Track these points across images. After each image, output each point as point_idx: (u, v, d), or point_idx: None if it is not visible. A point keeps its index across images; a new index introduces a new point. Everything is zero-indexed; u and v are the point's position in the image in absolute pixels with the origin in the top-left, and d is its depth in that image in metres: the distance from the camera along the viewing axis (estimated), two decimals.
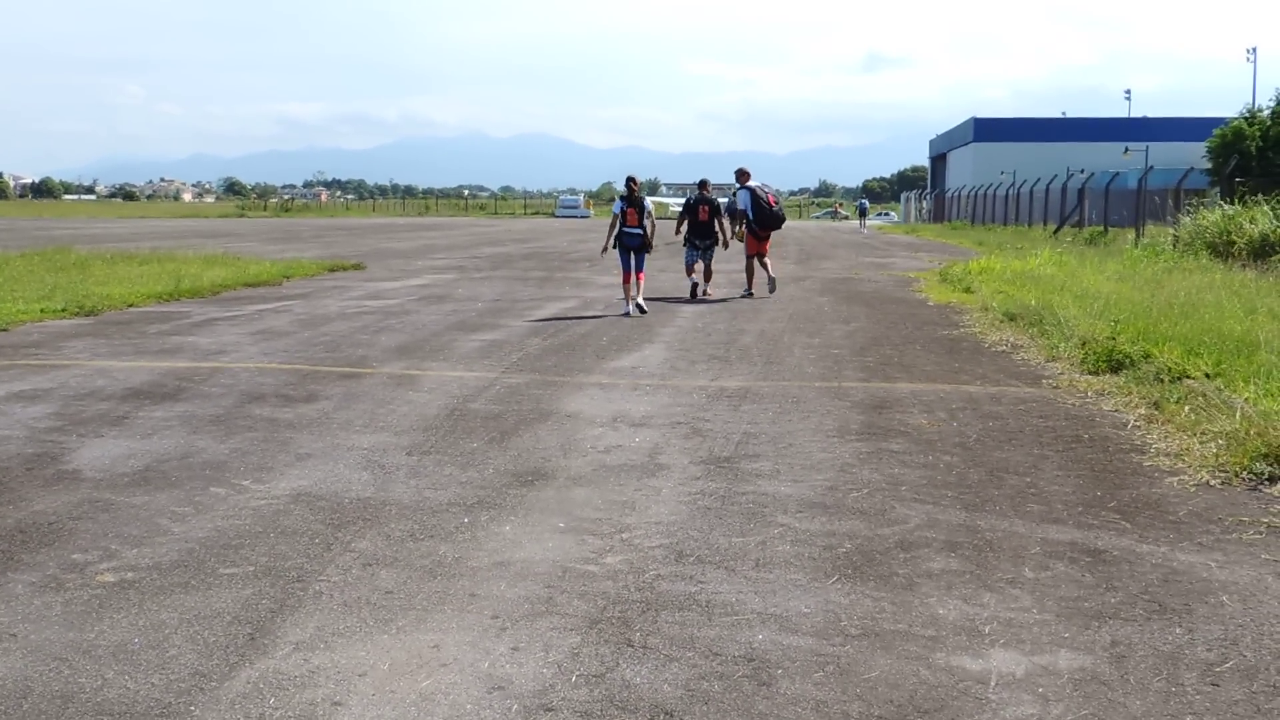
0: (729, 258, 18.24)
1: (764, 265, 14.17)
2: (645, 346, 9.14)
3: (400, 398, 6.78)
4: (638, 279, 12.03)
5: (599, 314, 11.67)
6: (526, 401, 6.67)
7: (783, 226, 14.40)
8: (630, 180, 12.90)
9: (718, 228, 14.05)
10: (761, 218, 13.92)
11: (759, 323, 10.87)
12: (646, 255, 12.24)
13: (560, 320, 11.01)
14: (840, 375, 7.67)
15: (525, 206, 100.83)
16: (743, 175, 14.30)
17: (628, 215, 12.30)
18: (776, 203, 14.02)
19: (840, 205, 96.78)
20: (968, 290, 13.58)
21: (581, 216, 79.81)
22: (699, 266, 14.37)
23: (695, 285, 13.95)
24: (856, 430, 5.90)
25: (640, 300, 11.88)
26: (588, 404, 6.61)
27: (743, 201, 14.08)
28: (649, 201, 12.50)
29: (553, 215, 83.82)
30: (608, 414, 6.31)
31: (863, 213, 53.79)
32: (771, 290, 13.95)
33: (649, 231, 12.21)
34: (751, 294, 13.94)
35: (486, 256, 23.26)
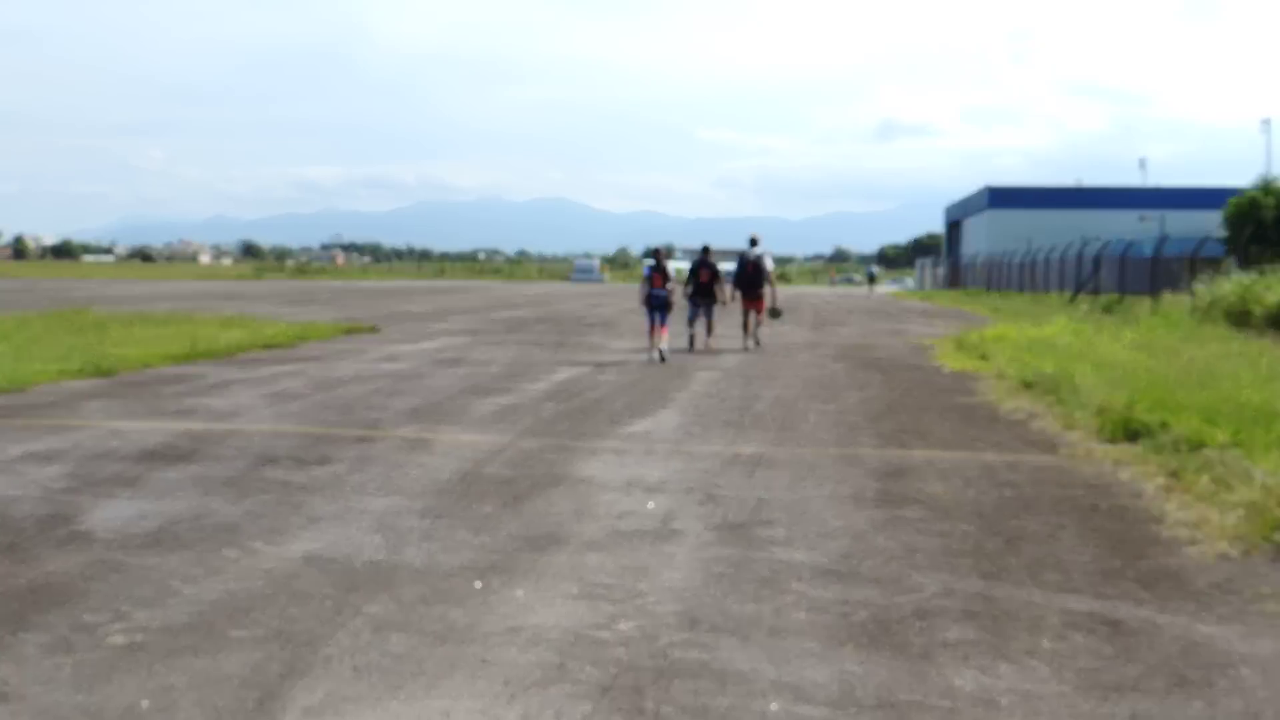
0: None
1: (747, 324, 16.24)
2: (659, 412, 9.17)
3: (413, 461, 6.81)
4: (661, 331, 14.35)
5: (613, 378, 11.73)
6: (540, 466, 6.69)
7: (766, 291, 16.27)
8: (657, 251, 15.80)
9: (717, 289, 16.05)
10: (738, 279, 16.39)
11: (773, 389, 10.90)
12: (669, 312, 14.62)
13: (574, 384, 11.07)
14: (855, 442, 7.67)
15: (541, 270, 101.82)
16: (753, 241, 16.56)
17: (654, 279, 14.83)
18: (754, 269, 16.27)
19: (834, 271, 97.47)
20: (983, 357, 13.59)
21: (596, 281, 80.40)
22: (700, 322, 16.21)
23: (693, 337, 15.98)
24: (872, 497, 5.89)
25: (663, 348, 14.19)
26: (601, 469, 6.62)
27: (734, 268, 16.56)
28: (672, 267, 15.43)
29: (568, 280, 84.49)
30: (622, 479, 6.32)
31: (871, 279, 54.17)
32: (755, 342, 16.14)
33: (672, 294, 14.78)
34: (755, 343, 16.22)
35: (501, 320, 23.44)
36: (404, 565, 4.58)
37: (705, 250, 16.85)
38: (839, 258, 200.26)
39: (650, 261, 15.04)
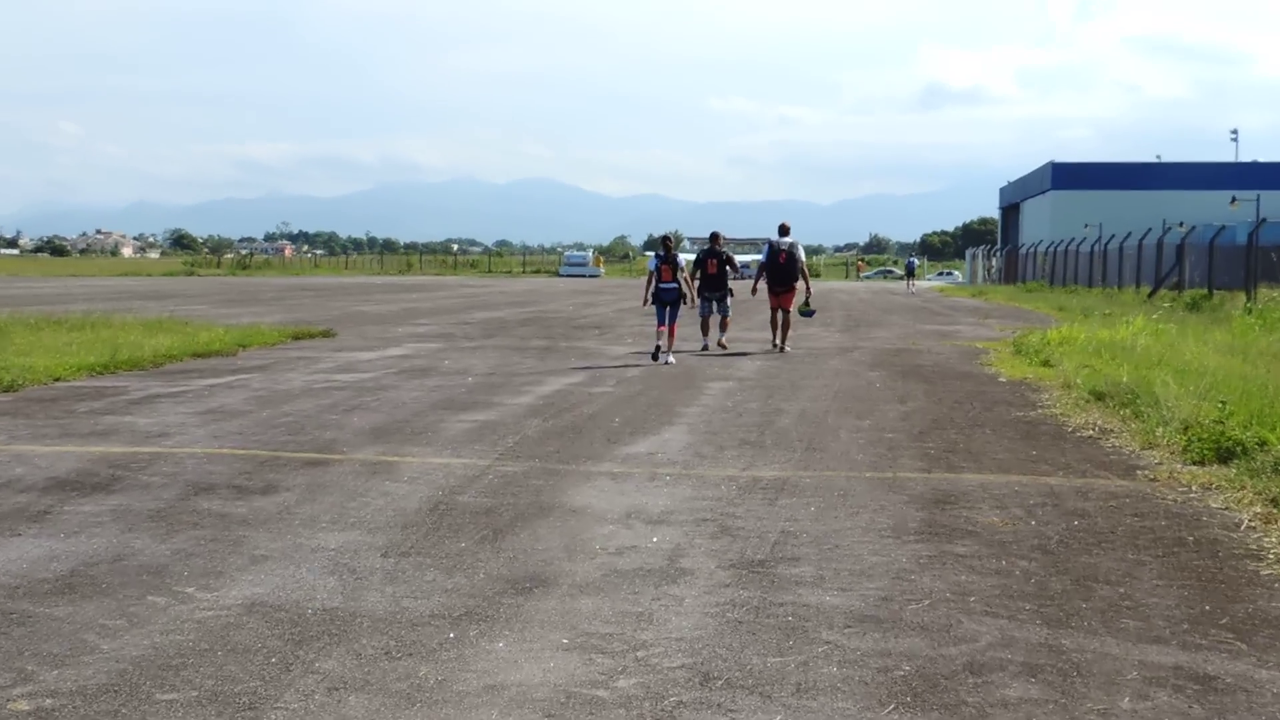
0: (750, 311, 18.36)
1: (776, 321, 16.72)
2: (664, 429, 9.18)
3: (375, 489, 6.82)
4: (670, 331, 14.86)
5: (610, 390, 11.75)
6: (524, 494, 6.70)
7: (798, 285, 16.82)
8: (666, 240, 16.01)
9: (730, 280, 16.82)
10: (767, 270, 16.80)
11: (798, 401, 10.92)
12: (680, 309, 15.19)
13: (564, 398, 11.09)
14: (895, 464, 7.67)
15: (524, 264, 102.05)
16: (784, 229, 17.11)
17: (662, 271, 15.31)
18: (787, 259, 16.70)
19: (862, 263, 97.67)
20: (1046, 364, 13.60)
21: (590, 276, 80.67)
22: (713, 321, 16.85)
23: (706, 345, 16.59)
24: (915, 529, 5.89)
25: (670, 356, 14.60)
26: (597, 497, 6.62)
27: (763, 257, 17.12)
28: (682, 259, 15.70)
29: (556, 274, 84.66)
30: (620, 509, 6.32)
31: (910, 271, 53.97)
32: (781, 344, 16.58)
33: (683, 286, 15.31)
34: (781, 347, 16.58)
35: (478, 322, 23.49)
36: (364, 613, 4.57)
37: (714, 238, 17.61)
38: (875, 247, 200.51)
39: (657, 253, 15.57)
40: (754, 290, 17.67)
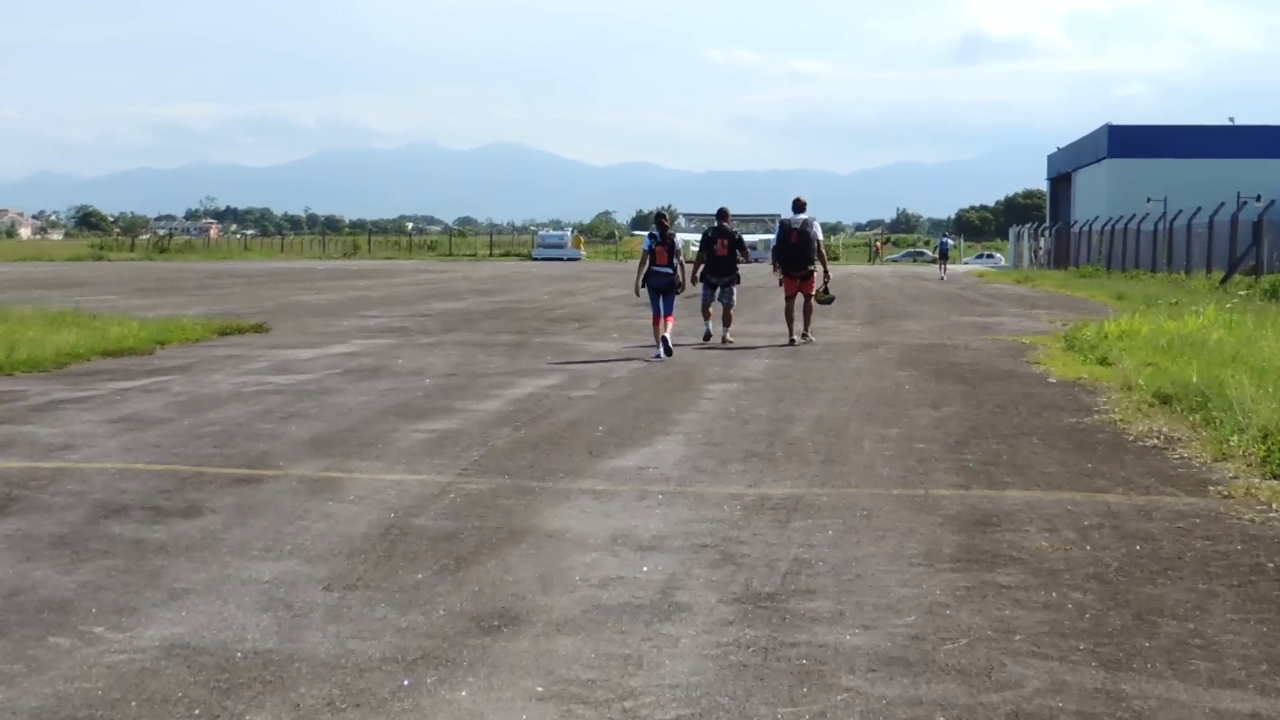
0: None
1: (792, 311, 17.17)
2: (657, 439, 9.19)
3: (316, 511, 6.80)
4: (666, 321, 15.08)
5: (593, 393, 11.75)
6: (492, 516, 6.69)
7: (813, 269, 17.15)
8: (661, 216, 16.28)
9: (739, 263, 17.20)
10: (780, 251, 17.16)
11: (814, 406, 10.94)
12: (676, 296, 15.39)
13: (539, 402, 11.09)
14: (928, 479, 7.68)
15: (492, 245, 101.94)
16: (799, 205, 17.44)
17: (657, 254, 15.41)
18: (800, 239, 16.96)
19: (881, 244, 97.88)
20: (1103, 362, 13.63)
21: (569, 259, 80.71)
22: (717, 310, 17.20)
23: (708, 332, 16.98)
24: (951, 556, 5.89)
25: (661, 349, 14.81)
26: (577, 519, 6.62)
27: (776, 235, 17.52)
28: (680, 239, 15.82)
29: (529, 258, 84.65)
30: (605, 533, 6.32)
31: (944, 254, 53.53)
32: (803, 334, 17.08)
33: (679, 271, 15.43)
34: (805, 337, 17.10)
35: (437, 314, 23.49)
36: (303, 656, 4.56)
37: (721, 215, 17.92)
38: (902, 225, 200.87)
39: (651, 232, 15.80)
40: (776, 270, 17.82)
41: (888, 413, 10.51)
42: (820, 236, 17.29)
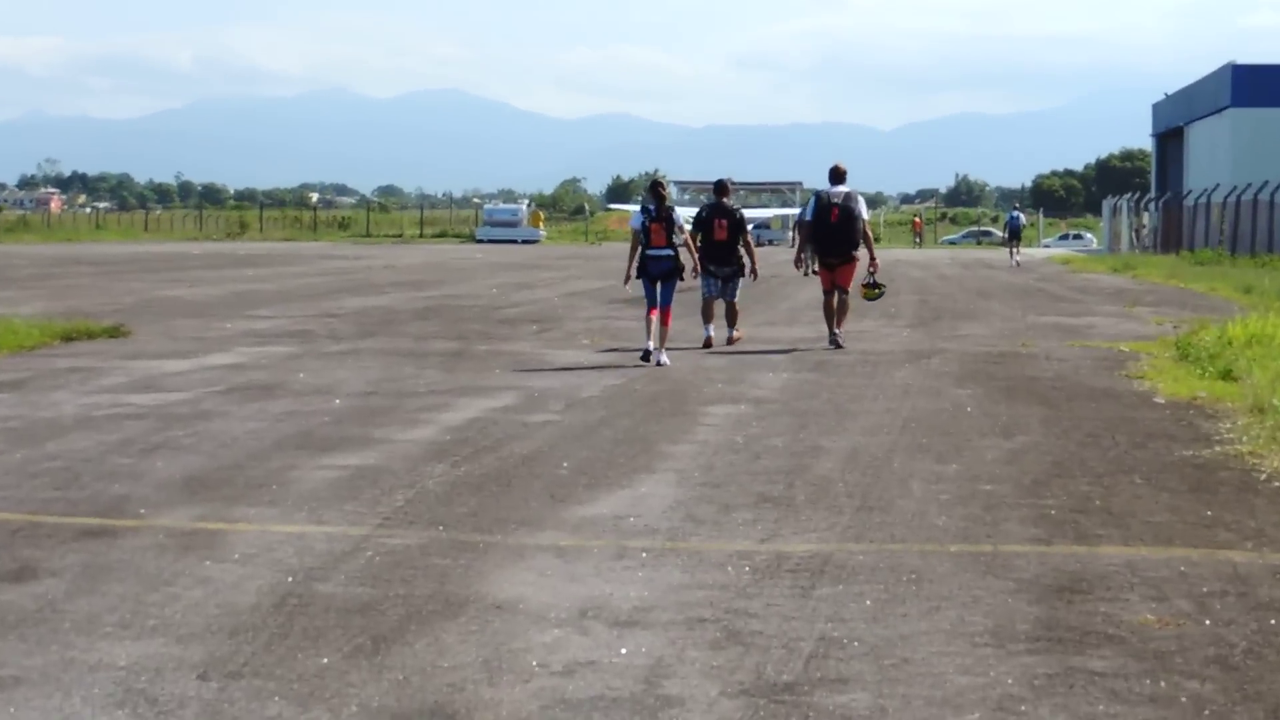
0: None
1: (831, 311, 17.62)
2: (641, 478, 9.15)
3: (190, 573, 6.75)
4: (663, 319, 15.60)
5: (557, 417, 11.72)
6: (422, 580, 6.64)
7: (857, 255, 17.73)
8: (657, 185, 16.51)
9: (742, 250, 17.77)
10: (816, 233, 17.63)
11: (847, 435, 10.93)
12: (676, 286, 15.92)
13: (486, 429, 11.06)
14: (996, 531, 7.67)
15: (423, 223, 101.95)
16: (838, 174, 17.84)
17: (652, 233, 15.76)
18: (842, 218, 17.32)
19: (920, 220, 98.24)
20: (1227, 376, 13.63)
21: (526, 241, 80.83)
22: (719, 306, 17.84)
23: (709, 337, 17.49)
24: (1027, 633, 5.87)
25: (663, 354, 15.40)
26: (535, 585, 6.58)
27: (809, 210, 18.00)
28: (681, 214, 16.29)
29: (473, 239, 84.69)
30: (571, 603, 6.28)
31: (1015, 233, 53.34)
32: (835, 345, 17.38)
33: (681, 254, 15.89)
34: (835, 338, 17.47)
35: (351, 314, 23.46)
36: None
37: (720, 189, 18.53)
38: (962, 195, 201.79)
39: (645, 205, 16.24)
40: (799, 261, 18.27)
41: (944, 444, 10.48)
42: (865, 213, 17.60)
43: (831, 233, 17.36)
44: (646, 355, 15.43)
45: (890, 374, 14.92)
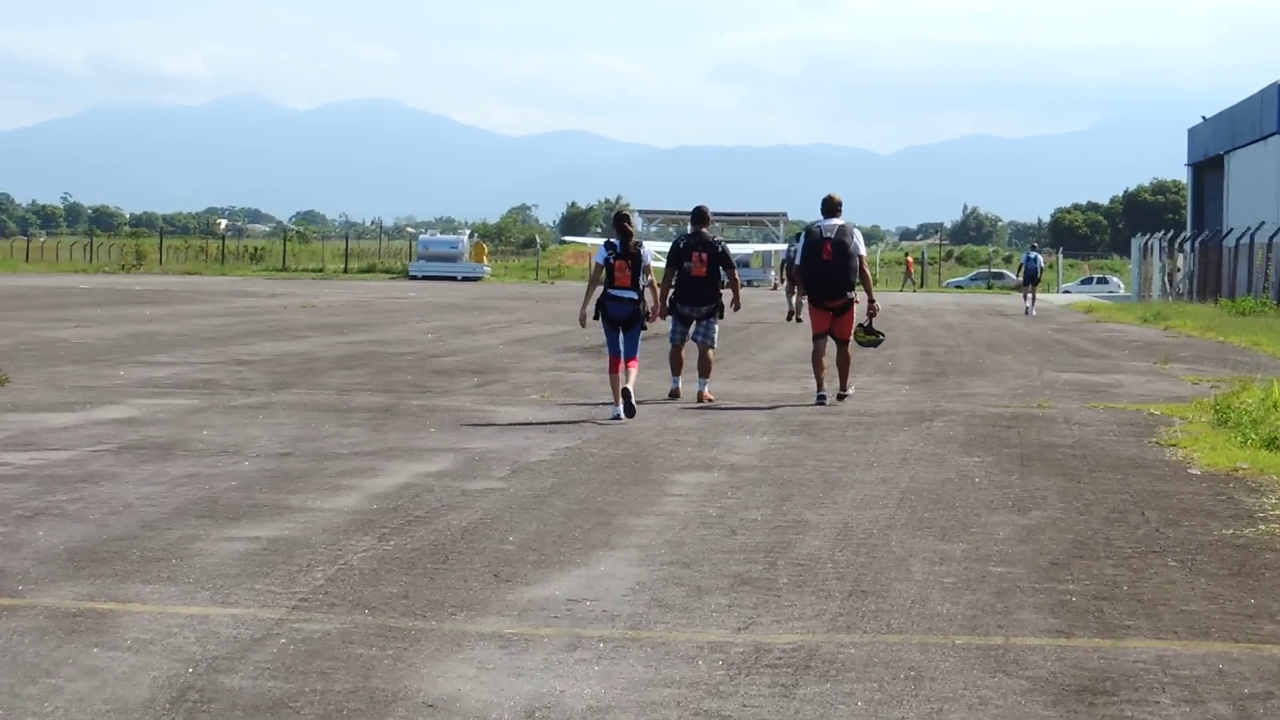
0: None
1: (820, 362, 17.91)
2: (598, 555, 9.16)
3: (74, 662, 6.72)
4: (628, 367, 15.94)
5: (502, 485, 11.72)
6: (342, 673, 6.64)
7: (854, 297, 18.05)
8: (622, 218, 16.97)
9: (726, 285, 18.06)
10: (807, 272, 18.04)
11: (837, 507, 10.97)
12: (643, 331, 16.31)
13: (419, 498, 11.06)
14: (1009, 621, 7.70)
15: (348, 255, 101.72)
16: (832, 206, 18.11)
17: (616, 271, 16.07)
18: (836, 254, 17.55)
19: (912, 259, 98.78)
20: (1273, 445, 13.72)
21: (468, 278, 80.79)
22: (690, 352, 18.05)
23: (675, 389, 17.96)
24: None
25: (631, 395, 15.78)
26: (474, 680, 6.59)
27: (800, 248, 18.44)
28: (650, 252, 16.57)
29: (405, 275, 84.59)
30: (516, 702, 6.28)
31: (1031, 276, 53.07)
32: (839, 395, 18.00)
33: (647, 296, 16.27)
34: (832, 396, 17.89)
35: (264, 362, 23.40)
36: None
37: (699, 218, 18.58)
38: (971, 231, 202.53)
39: (609, 240, 16.51)
40: (794, 310, 18.44)
41: (948, 519, 10.52)
42: (864, 250, 17.81)
43: (824, 272, 17.54)
44: (617, 418, 15.66)
45: (887, 438, 14.97)
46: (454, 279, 79.14)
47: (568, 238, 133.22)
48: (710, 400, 17.60)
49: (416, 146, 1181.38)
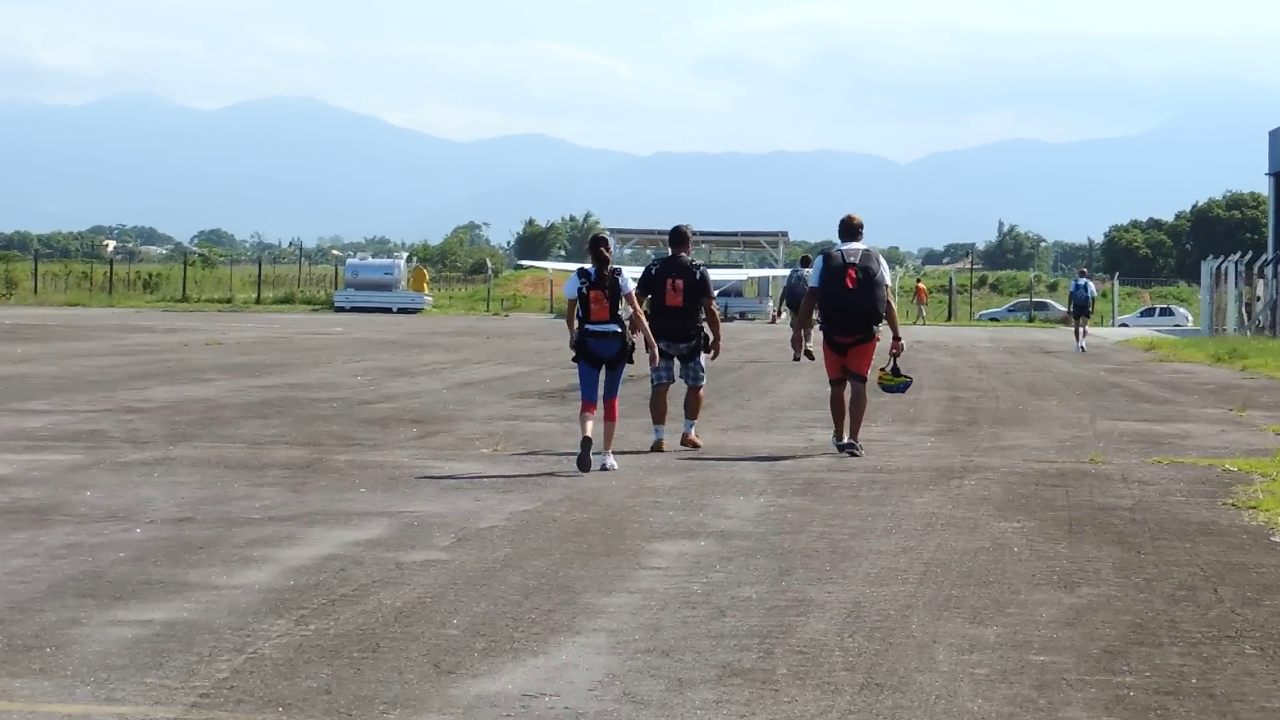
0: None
1: (842, 407, 18.25)
2: (561, 639, 9.16)
3: None
4: (608, 413, 16.52)
5: (441, 554, 11.70)
6: None
7: (877, 334, 18.01)
8: (599, 242, 16.95)
9: (705, 320, 18.42)
10: (826, 303, 18.10)
11: (848, 582, 10.97)
12: (624, 370, 16.80)
13: (345, 573, 11.03)
14: None
15: (263, 283, 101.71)
16: (852, 228, 18.47)
17: (592, 302, 16.43)
18: (861, 283, 17.82)
19: (925, 286, 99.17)
20: None
21: (405, 309, 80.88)
22: (677, 392, 18.09)
23: (659, 441, 18.24)
24: None
25: (610, 457, 16.34)
26: None
27: (814, 273, 18.49)
28: (629, 278, 16.89)
29: (331, 306, 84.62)
30: None
31: (1081, 308, 52.77)
32: (850, 450, 18.17)
33: (627, 334, 16.62)
34: (851, 447, 18.18)
35: (161, 409, 23.41)
36: None
37: (678, 239, 18.96)
38: (1009, 253, 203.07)
39: (582, 267, 16.78)
40: (799, 339, 18.63)
41: (981, 597, 10.51)
42: (888, 278, 18.02)
43: (846, 303, 17.75)
44: (584, 463, 15.80)
45: (908, 499, 14.95)
46: (389, 311, 79.25)
47: (525, 262, 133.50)
48: (697, 446, 17.82)
49: (344, 154, 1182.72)
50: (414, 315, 77.24)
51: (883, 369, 18.21)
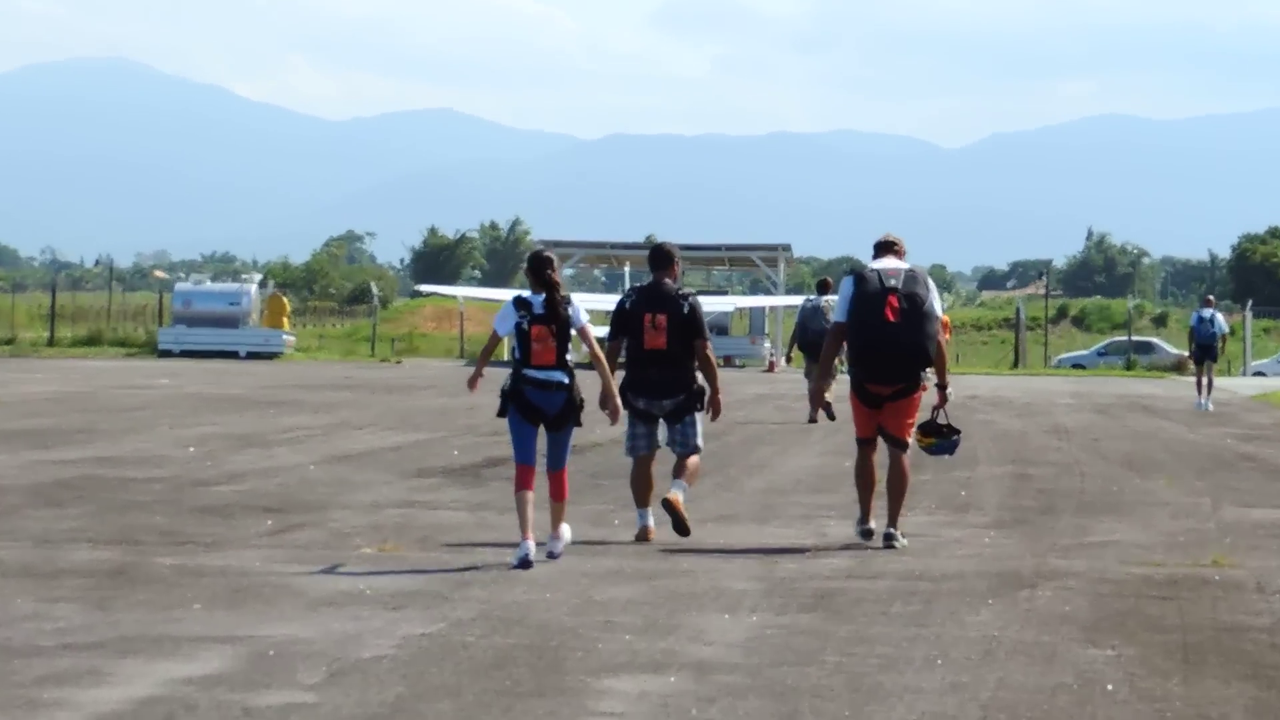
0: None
1: (871, 480, 18.79)
2: None
3: None
4: (556, 490, 17.05)
5: (304, 697, 11.70)
6: None
7: (925, 381, 18.28)
8: (543, 263, 17.15)
9: (698, 369, 18.73)
10: (859, 341, 18.26)
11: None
12: (572, 432, 17.27)
13: (174, 718, 11.01)
14: None
15: (57, 316, 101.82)
16: (888, 247, 18.94)
17: (534, 341, 16.62)
18: (906, 313, 18.02)
19: (947, 319, 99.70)
20: None
21: (259, 352, 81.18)
22: (661, 468, 18.24)
23: (645, 528, 18.73)
24: None
25: (561, 535, 17.00)
26: None
27: (841, 301, 18.74)
28: (583, 311, 17.15)
29: (152, 348, 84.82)
30: None
31: (1206, 349, 52.83)
32: (887, 541, 18.63)
33: (575, 389, 16.89)
34: (890, 538, 18.66)
35: None
36: None
37: (660, 257, 18.89)
38: (1096, 276, 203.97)
39: (520, 296, 16.95)
40: (819, 396, 18.67)
41: None
42: (939, 309, 18.18)
43: (886, 341, 17.78)
44: (525, 563, 16.08)
45: (959, 617, 14.96)
46: (235, 355, 79.39)
47: (425, 287, 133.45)
48: (683, 520, 18.04)
49: (171, 135, 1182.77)
50: (270, 361, 77.35)
51: (923, 425, 18.17)
